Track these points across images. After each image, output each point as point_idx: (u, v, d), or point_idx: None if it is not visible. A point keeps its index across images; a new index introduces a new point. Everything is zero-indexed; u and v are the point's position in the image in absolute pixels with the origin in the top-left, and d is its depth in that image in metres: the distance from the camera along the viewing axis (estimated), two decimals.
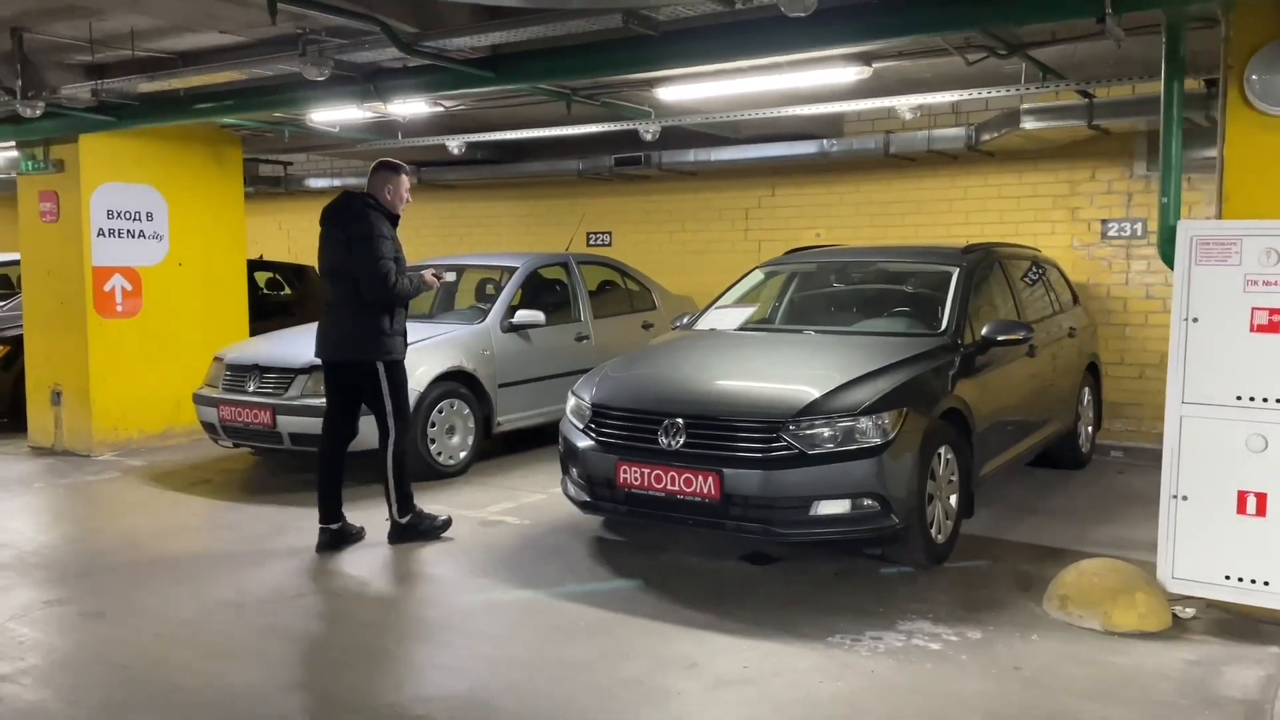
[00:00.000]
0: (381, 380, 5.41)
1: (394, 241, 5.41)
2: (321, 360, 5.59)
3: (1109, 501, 6.50)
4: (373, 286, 5.24)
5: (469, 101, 7.36)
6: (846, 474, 4.66)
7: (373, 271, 5.22)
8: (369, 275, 5.22)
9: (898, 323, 6.00)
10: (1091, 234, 8.68)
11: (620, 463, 4.98)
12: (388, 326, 5.37)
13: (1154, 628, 4.19)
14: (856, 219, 9.77)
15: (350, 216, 5.31)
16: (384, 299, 5.30)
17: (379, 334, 5.33)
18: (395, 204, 5.52)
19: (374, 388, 5.43)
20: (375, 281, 5.23)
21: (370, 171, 5.51)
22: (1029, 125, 7.33)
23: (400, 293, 5.35)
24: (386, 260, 5.27)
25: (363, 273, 5.23)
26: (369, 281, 5.24)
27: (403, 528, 5.58)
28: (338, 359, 5.46)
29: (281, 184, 13.11)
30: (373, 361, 5.36)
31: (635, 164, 10.08)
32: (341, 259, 5.31)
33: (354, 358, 5.39)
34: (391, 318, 5.39)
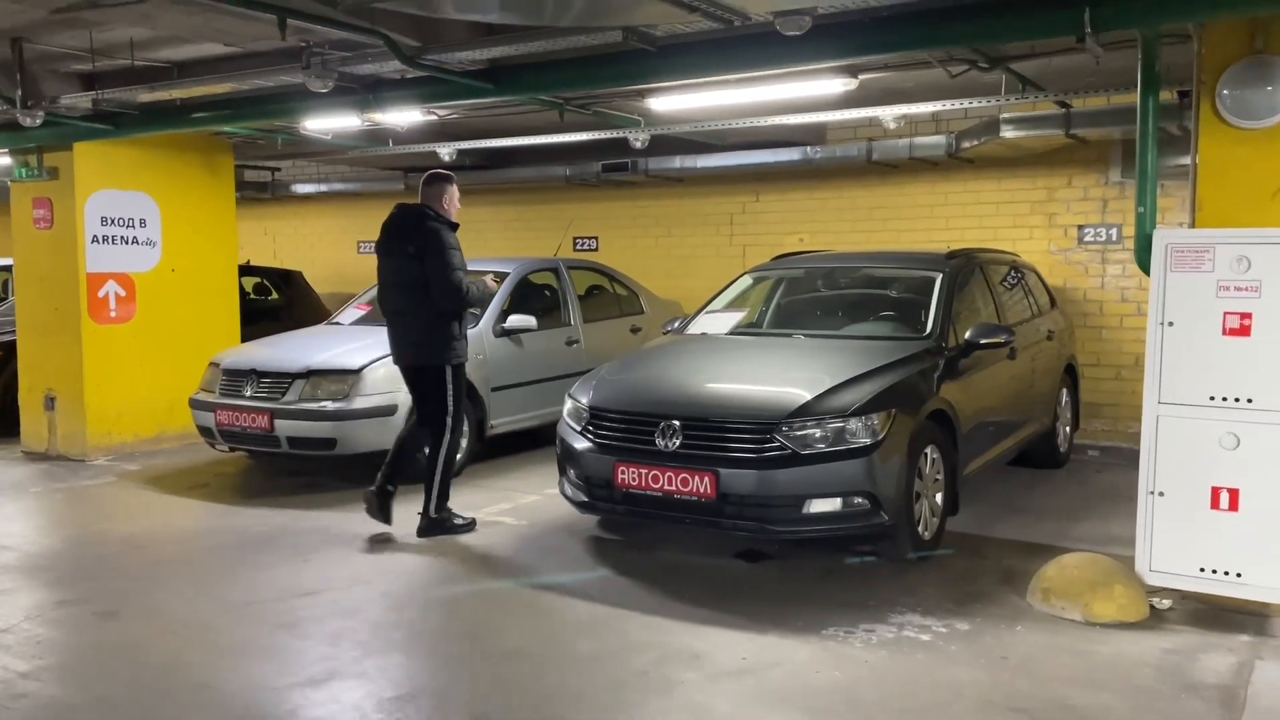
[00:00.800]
0: (447, 382, 5.78)
1: (460, 252, 5.76)
2: (401, 365, 5.97)
3: (1087, 499, 6.72)
4: (447, 296, 5.62)
5: (462, 110, 7.49)
6: (838, 473, 4.84)
7: (447, 283, 5.59)
8: (444, 286, 5.59)
9: (883, 326, 6.19)
10: (1068, 239, 8.91)
11: (618, 463, 5.14)
12: (456, 331, 5.77)
13: (1132, 618, 4.38)
14: (839, 224, 9.97)
15: (421, 232, 5.65)
16: (457, 307, 5.71)
17: (449, 339, 5.73)
18: (451, 212, 5.88)
19: (438, 388, 5.78)
20: (450, 292, 5.60)
21: (423, 184, 5.84)
22: (1008, 134, 7.55)
23: (471, 300, 5.78)
24: (459, 271, 5.65)
25: (438, 284, 5.59)
26: (443, 292, 5.60)
27: (433, 521, 5.86)
28: (413, 364, 5.84)
29: (268, 189, 13.18)
30: (441, 365, 5.73)
31: (622, 170, 10.24)
32: (411, 271, 5.66)
33: (425, 362, 5.76)
34: (460, 323, 5.79)
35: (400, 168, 11.89)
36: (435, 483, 5.83)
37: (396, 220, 5.78)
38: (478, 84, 5.70)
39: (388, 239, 5.79)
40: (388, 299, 5.91)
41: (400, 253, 5.70)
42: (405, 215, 5.76)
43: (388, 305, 5.91)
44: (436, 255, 5.59)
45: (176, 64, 6.74)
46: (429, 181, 5.82)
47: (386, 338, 7.47)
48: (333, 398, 6.95)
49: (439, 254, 5.59)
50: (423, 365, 5.80)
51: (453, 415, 5.81)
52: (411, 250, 5.63)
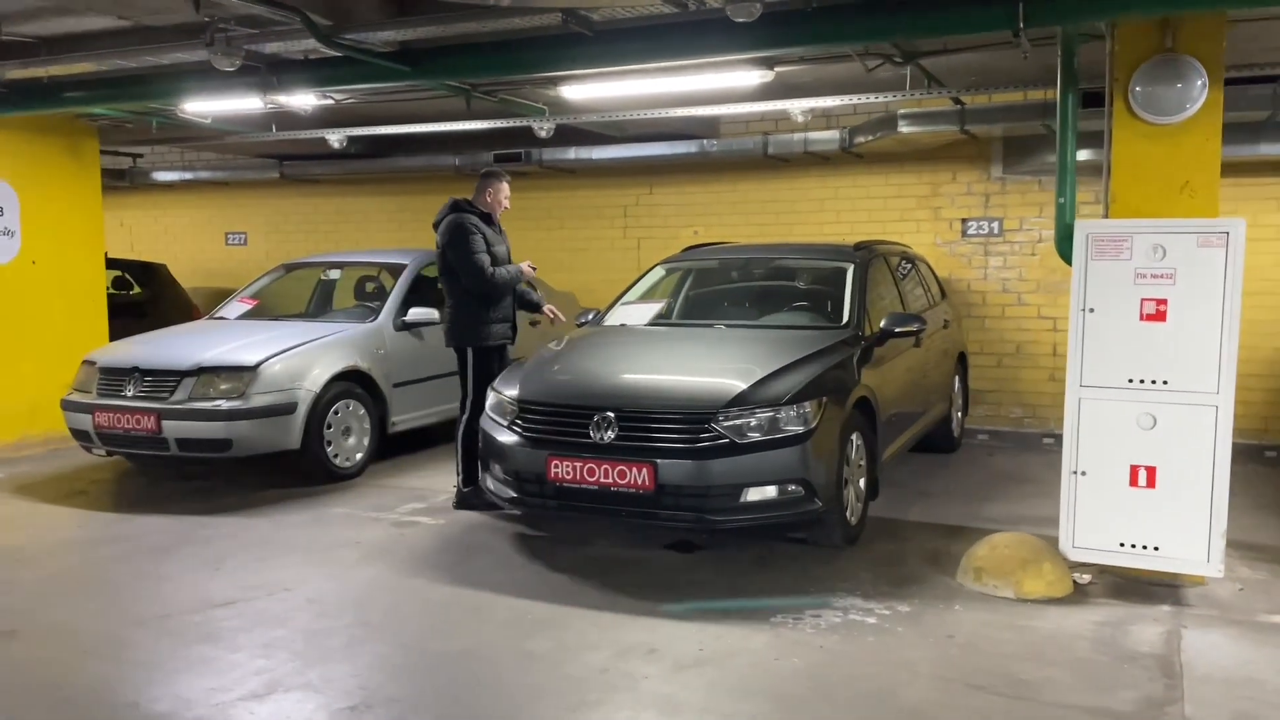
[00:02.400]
0: (469, 363, 6.15)
1: (482, 237, 6.06)
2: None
3: (989, 481, 6.98)
4: (471, 279, 5.98)
5: (360, 95, 7.19)
6: (774, 461, 4.86)
7: (471, 266, 5.96)
8: (467, 270, 5.97)
9: (800, 317, 6.27)
10: (953, 232, 9.25)
11: (551, 457, 5.03)
12: (485, 315, 6.10)
13: (1060, 594, 4.57)
14: (733, 218, 10.07)
15: (446, 226, 6.07)
16: (483, 289, 6.02)
17: (477, 323, 6.09)
18: (495, 207, 6.26)
19: (462, 369, 6.19)
20: (473, 274, 5.96)
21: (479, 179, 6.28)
22: (905, 129, 7.77)
23: (499, 282, 6.05)
24: (479, 255, 5.97)
25: (463, 270, 5.98)
26: (467, 275, 5.98)
27: (464, 496, 6.18)
28: (450, 345, 6.25)
29: (126, 177, 12.39)
30: (466, 346, 6.12)
31: (516, 161, 10.06)
32: (443, 261, 6.11)
33: (456, 344, 6.18)
34: (491, 307, 6.11)
35: (277, 155, 11.36)
36: (460, 457, 6.16)
37: (440, 214, 6.21)
38: (394, 66, 5.46)
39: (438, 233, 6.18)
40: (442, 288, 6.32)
41: (439, 245, 6.11)
42: (444, 210, 6.17)
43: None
44: (457, 243, 5.97)
45: (44, 40, 6.22)
46: (481, 177, 6.26)
47: (281, 333, 7.23)
48: (227, 396, 6.57)
49: (459, 242, 5.97)
50: (458, 347, 6.20)
51: (476, 394, 6.06)
52: (441, 243, 6.06)
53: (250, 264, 12.69)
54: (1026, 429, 9.03)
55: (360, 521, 6.02)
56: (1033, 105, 7.46)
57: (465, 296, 6.08)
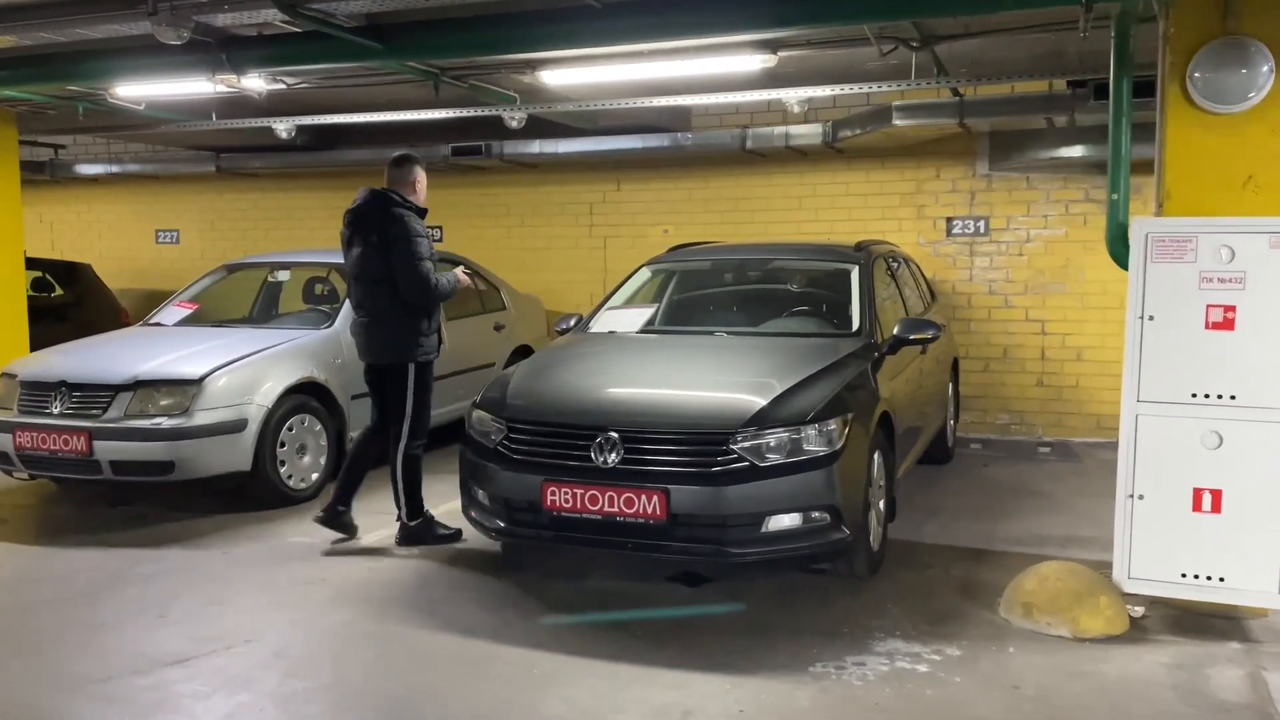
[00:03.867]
0: (409, 381, 5.37)
1: (428, 240, 5.34)
2: (364, 363, 5.53)
3: (994, 496, 6.59)
4: (414, 289, 5.22)
5: (314, 79, 6.54)
6: (799, 486, 4.37)
7: (414, 274, 5.18)
8: (411, 278, 5.19)
9: (806, 323, 5.80)
10: (937, 231, 8.89)
11: (547, 484, 4.47)
12: (425, 327, 5.38)
13: (1118, 631, 4.15)
14: (706, 215, 9.59)
15: (387, 218, 5.21)
16: (426, 301, 5.32)
17: (416, 335, 5.34)
18: (420, 197, 5.46)
19: (399, 387, 5.36)
20: (417, 284, 5.20)
21: (390, 165, 5.42)
22: (900, 122, 7.36)
23: (441, 293, 5.35)
24: (426, 261, 5.23)
25: (404, 276, 5.19)
26: (410, 284, 5.21)
27: (412, 531, 5.47)
28: (380, 362, 5.42)
29: (46, 170, 11.48)
30: (405, 363, 5.33)
31: (475, 154, 9.46)
32: (378, 263, 5.23)
33: (390, 360, 5.36)
34: (429, 318, 5.40)
35: (213, 147, 10.58)
36: (401, 489, 5.42)
37: (360, 208, 5.33)
38: (365, 42, 4.85)
39: (351, 229, 5.34)
40: (353, 294, 5.48)
41: (363, 242, 5.26)
42: (369, 201, 5.30)
43: (354, 301, 5.48)
44: (403, 244, 5.16)
45: None
46: (397, 163, 5.40)
47: (227, 341, 6.54)
48: (168, 413, 5.88)
49: (405, 243, 5.17)
50: (387, 364, 5.38)
51: (413, 416, 5.39)
52: (375, 240, 5.21)
53: (183, 263, 11.86)
54: (1014, 436, 8.70)
55: (323, 553, 5.39)
56: (1036, 97, 7.12)
57: (399, 305, 5.27)
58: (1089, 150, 7.74)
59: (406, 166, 5.39)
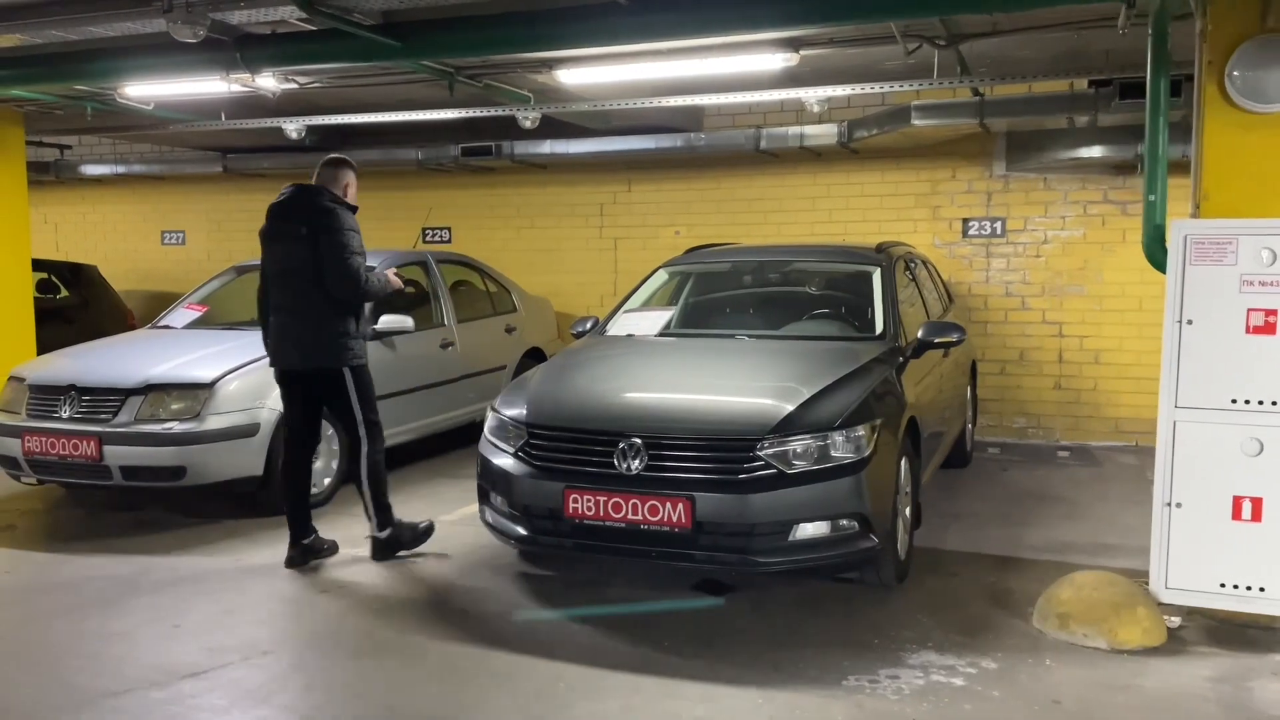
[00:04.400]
0: (349, 387, 5.06)
1: (360, 235, 5.04)
2: (280, 369, 5.13)
3: (1015, 501, 6.49)
4: (343, 285, 4.89)
5: (327, 78, 6.44)
6: (828, 493, 4.28)
7: (344, 270, 4.86)
8: (340, 273, 4.87)
9: (829, 326, 5.71)
10: (953, 232, 8.80)
11: (569, 490, 4.38)
12: (352, 329, 5.03)
13: (1155, 642, 4.05)
14: (718, 216, 9.50)
15: (316, 210, 4.91)
16: (355, 299, 4.99)
17: (345, 337, 4.98)
18: (352, 200, 5.18)
19: (341, 396, 5.06)
20: (347, 279, 4.87)
21: (322, 166, 5.13)
22: (919, 122, 7.26)
23: (371, 292, 5.04)
24: (358, 256, 4.93)
25: (333, 271, 4.87)
26: (340, 280, 4.88)
27: (385, 543, 5.19)
28: (303, 367, 5.02)
29: (51, 170, 11.38)
30: (339, 368, 5.00)
31: (485, 154, 9.37)
32: (300, 256, 4.89)
33: (320, 365, 4.99)
34: (357, 319, 5.07)
35: (220, 147, 10.49)
36: (370, 501, 5.12)
37: (286, 200, 5.01)
38: (383, 40, 4.75)
39: (274, 221, 5.02)
40: (271, 291, 5.07)
41: (288, 236, 4.93)
42: (297, 194, 5.01)
43: (271, 299, 5.08)
44: (333, 235, 4.86)
45: None
46: (328, 164, 5.12)
47: (238, 344, 6.44)
48: (179, 417, 5.78)
49: (335, 234, 4.86)
50: (314, 370, 5.01)
51: (365, 422, 5.09)
52: (304, 231, 4.88)
53: (189, 265, 11.78)
54: (1031, 440, 8.60)
55: (338, 560, 5.29)
56: (1058, 97, 7.02)
57: (327, 304, 4.92)
58: (1109, 150, 7.64)
59: (339, 168, 5.10)
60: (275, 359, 5.11)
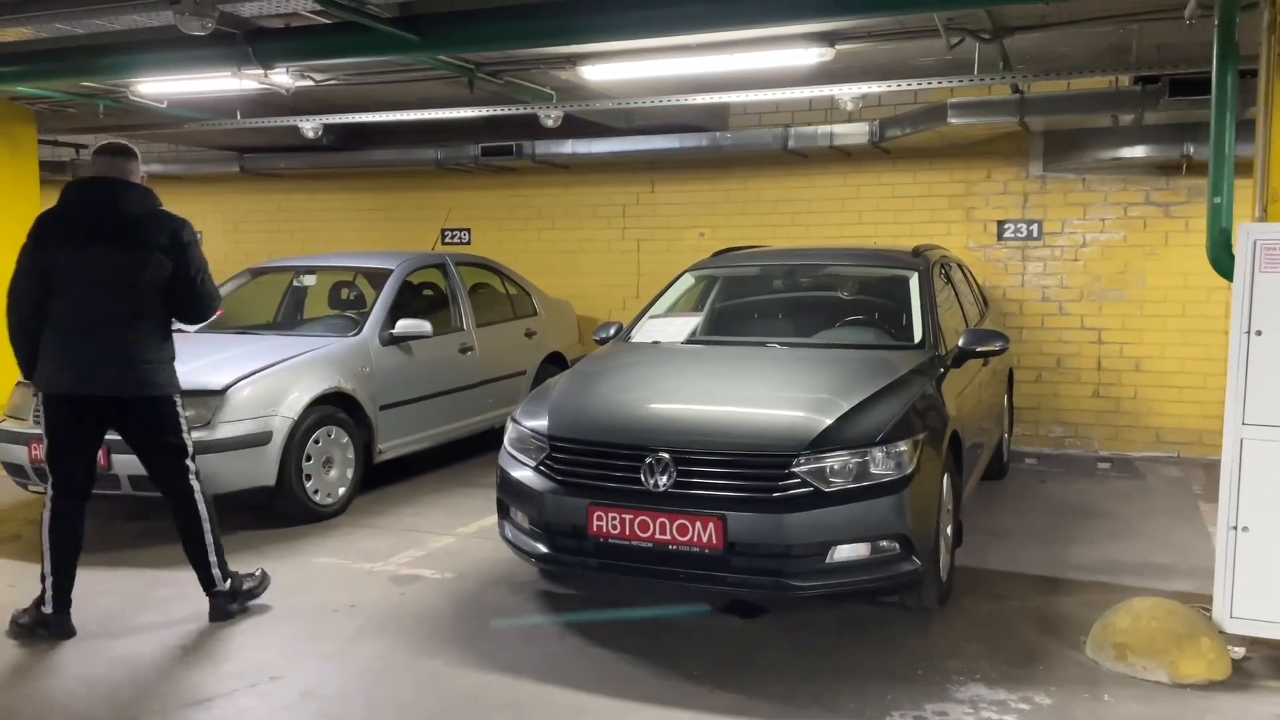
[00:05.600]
0: (180, 416, 4.41)
1: None
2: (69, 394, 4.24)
3: (1058, 516, 6.21)
4: (203, 306, 4.34)
5: (343, 74, 6.24)
6: (867, 514, 4.02)
7: (207, 289, 4.31)
8: (203, 293, 4.30)
9: (864, 333, 5.46)
10: (987, 235, 8.52)
11: (593, 507, 4.15)
12: (173, 351, 4.40)
13: (1220, 676, 3.79)
14: (743, 218, 9.25)
15: (167, 221, 4.23)
16: (203, 320, 4.44)
17: (170, 360, 4.35)
18: None
19: (174, 425, 4.37)
20: (208, 299, 4.33)
21: (116, 155, 4.29)
22: (955, 120, 6.99)
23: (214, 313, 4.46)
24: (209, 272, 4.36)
25: (198, 289, 4.28)
26: (201, 300, 4.31)
27: (227, 595, 4.54)
28: (122, 395, 4.22)
29: (68, 170, 11.22)
30: (171, 395, 4.34)
31: (506, 154, 9.15)
32: (133, 268, 4.14)
33: (150, 393, 4.26)
34: (170, 339, 4.40)
35: (237, 147, 10.32)
36: (212, 547, 4.48)
37: (107, 201, 4.18)
38: (401, 34, 4.53)
39: (94, 224, 4.15)
40: (84, 304, 4.16)
41: (124, 242, 4.14)
42: (121, 192, 4.20)
43: (81, 313, 4.16)
44: (195, 253, 4.26)
45: None
46: (121, 152, 4.30)
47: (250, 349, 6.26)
48: (191, 425, 5.55)
49: (195, 252, 4.27)
50: (136, 398, 4.24)
51: (194, 455, 4.47)
52: (164, 242, 4.16)
53: None
54: (1069, 450, 8.31)
55: (351, 576, 5.09)
56: (1102, 94, 6.73)
57: (155, 322, 4.27)
58: (1153, 150, 7.35)
59: (135, 159, 4.35)
60: (79, 383, 4.19)
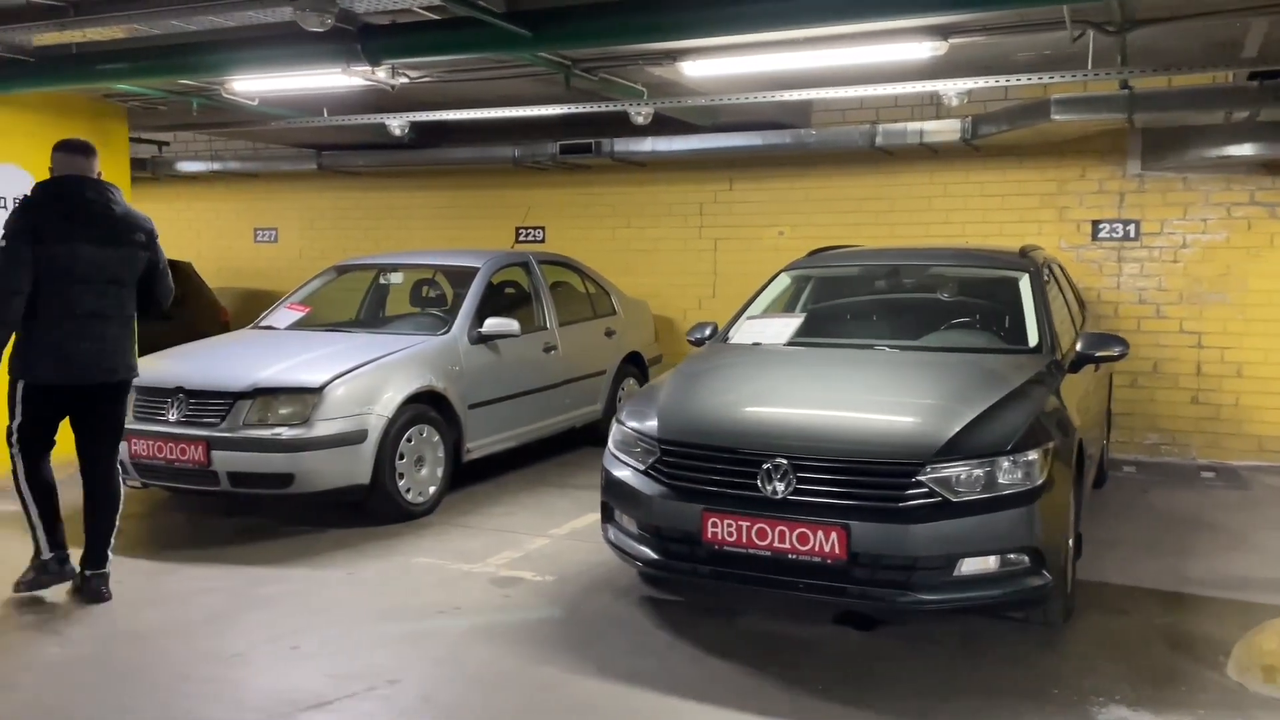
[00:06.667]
0: (130, 400, 4.87)
1: None
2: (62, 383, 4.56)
3: (1167, 528, 5.99)
4: (168, 296, 4.87)
5: (438, 71, 6.20)
6: (997, 525, 3.88)
7: (170, 281, 4.87)
8: (168, 285, 4.85)
9: (974, 337, 5.30)
10: (1081, 235, 8.28)
11: (707, 514, 4.05)
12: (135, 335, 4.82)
13: None
14: (824, 217, 9.09)
15: (133, 216, 4.67)
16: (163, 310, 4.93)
17: (134, 347, 4.80)
18: None
19: (119, 407, 4.78)
20: (171, 291, 4.88)
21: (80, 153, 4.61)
22: (1059, 117, 6.77)
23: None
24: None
25: (164, 282, 4.81)
26: (168, 292, 4.86)
27: (106, 576, 4.75)
28: (111, 380, 4.64)
29: (148, 167, 11.39)
30: (131, 380, 4.81)
31: (584, 152, 9.08)
32: (127, 264, 4.61)
33: (125, 377, 4.73)
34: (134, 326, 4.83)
35: (315, 145, 10.37)
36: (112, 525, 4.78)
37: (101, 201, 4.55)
38: (512, 29, 4.45)
39: (86, 221, 4.47)
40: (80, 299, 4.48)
41: (116, 240, 4.55)
42: (110, 195, 4.60)
43: (77, 308, 4.47)
44: (159, 245, 4.77)
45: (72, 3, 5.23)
46: (85, 150, 4.62)
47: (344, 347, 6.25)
48: (288, 423, 5.59)
49: (158, 243, 4.77)
50: (116, 381, 4.68)
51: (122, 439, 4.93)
52: (142, 239, 4.65)
53: (280, 262, 11.73)
54: (1166, 457, 8.05)
55: (451, 576, 5.05)
56: (1215, 90, 6.49)
57: (132, 313, 4.73)
58: (1262, 148, 7.07)
59: (95, 155, 4.66)
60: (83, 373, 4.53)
